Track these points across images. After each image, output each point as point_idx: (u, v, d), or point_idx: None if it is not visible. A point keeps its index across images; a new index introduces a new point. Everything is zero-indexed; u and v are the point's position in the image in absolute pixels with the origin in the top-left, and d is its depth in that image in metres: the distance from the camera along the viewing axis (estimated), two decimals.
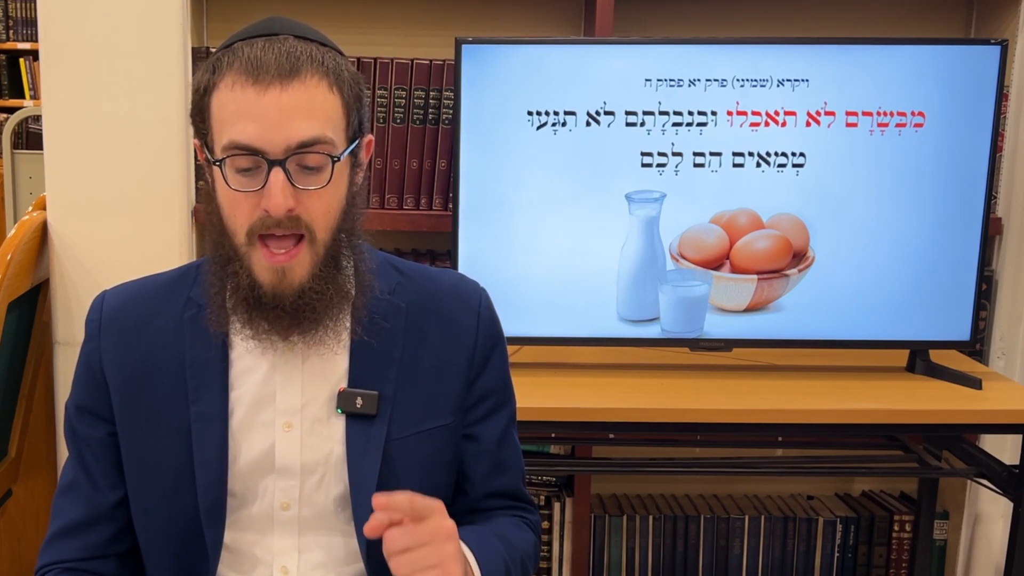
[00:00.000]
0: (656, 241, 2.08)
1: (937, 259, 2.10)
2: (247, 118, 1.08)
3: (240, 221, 1.12)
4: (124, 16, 2.08)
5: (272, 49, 1.09)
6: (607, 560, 2.45)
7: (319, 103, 1.10)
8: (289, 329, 1.16)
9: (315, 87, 1.10)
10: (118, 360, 1.22)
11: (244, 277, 1.13)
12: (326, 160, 1.11)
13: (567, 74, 2.03)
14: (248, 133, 1.08)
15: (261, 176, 1.09)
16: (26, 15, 5.96)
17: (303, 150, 1.09)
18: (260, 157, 1.09)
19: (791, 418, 1.95)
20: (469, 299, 1.29)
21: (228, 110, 1.09)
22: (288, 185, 1.09)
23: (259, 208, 1.10)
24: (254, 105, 1.08)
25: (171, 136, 2.12)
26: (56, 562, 1.23)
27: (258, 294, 1.14)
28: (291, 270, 1.12)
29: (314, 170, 1.11)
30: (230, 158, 1.10)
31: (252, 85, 1.08)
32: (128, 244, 2.13)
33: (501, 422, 1.29)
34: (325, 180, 1.11)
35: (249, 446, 1.21)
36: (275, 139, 1.08)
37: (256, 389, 1.21)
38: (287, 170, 1.09)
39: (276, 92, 1.08)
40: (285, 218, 1.10)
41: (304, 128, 1.09)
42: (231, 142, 1.09)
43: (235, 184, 1.10)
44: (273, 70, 1.08)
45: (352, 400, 1.20)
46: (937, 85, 2.04)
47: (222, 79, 1.10)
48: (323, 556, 1.23)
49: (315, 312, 1.15)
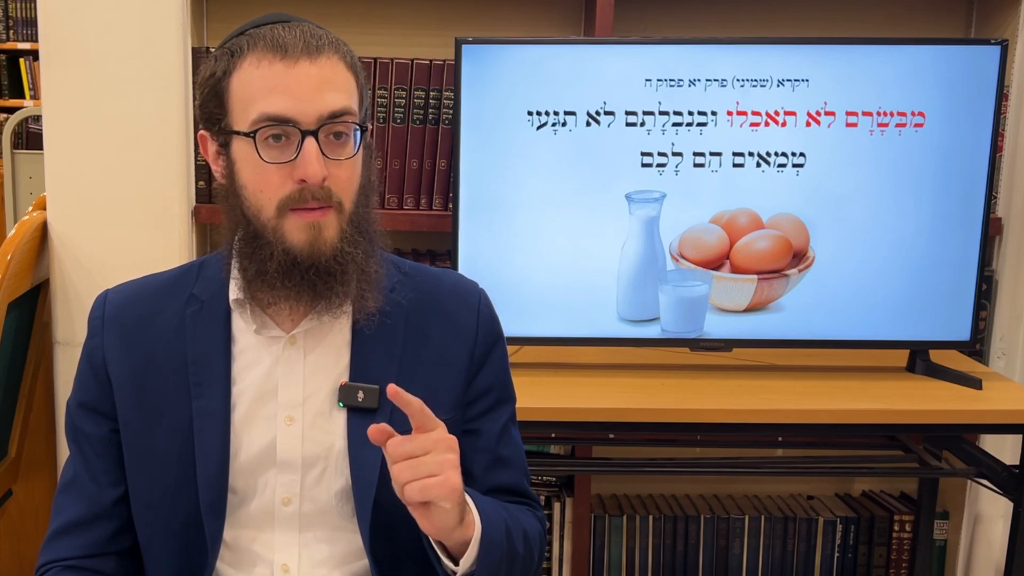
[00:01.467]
0: (656, 241, 2.08)
1: (937, 259, 2.10)
2: (278, 91, 1.11)
3: (269, 195, 1.13)
4: (124, 16, 2.08)
5: (294, 30, 1.13)
6: (607, 560, 2.45)
7: (342, 78, 1.14)
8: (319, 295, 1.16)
9: (337, 63, 1.14)
10: (121, 357, 1.23)
11: (278, 246, 1.14)
12: (351, 132, 1.14)
13: (567, 74, 2.03)
14: (280, 104, 1.10)
15: (291, 147, 1.12)
16: (26, 15, 5.96)
17: (334, 120, 1.12)
18: (293, 127, 1.11)
19: (791, 418, 1.95)
20: (469, 297, 1.30)
21: (256, 86, 1.12)
22: (321, 154, 1.12)
23: (290, 180, 1.12)
24: (284, 77, 1.11)
25: (171, 136, 2.12)
26: (57, 560, 1.23)
27: (293, 257, 1.14)
28: (325, 227, 1.14)
29: (342, 141, 1.14)
30: (261, 130, 1.11)
31: (281, 60, 1.11)
32: (128, 244, 2.13)
33: (501, 418, 1.30)
34: (352, 150, 1.15)
35: (250, 440, 1.21)
36: (308, 109, 1.11)
37: (258, 383, 1.21)
38: (319, 140, 1.11)
39: (306, 65, 1.11)
40: (319, 188, 1.12)
41: (334, 99, 1.12)
42: (263, 114, 1.11)
43: (267, 156, 1.12)
44: (300, 46, 1.11)
45: (353, 394, 1.21)
46: (937, 85, 2.04)
47: (244, 60, 1.12)
48: (325, 552, 1.23)
49: (346, 275, 1.16)
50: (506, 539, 1.18)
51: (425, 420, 1.07)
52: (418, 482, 1.05)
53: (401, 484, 1.05)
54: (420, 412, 1.07)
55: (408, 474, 1.05)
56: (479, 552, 1.13)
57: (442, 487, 1.05)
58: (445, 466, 1.06)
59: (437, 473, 1.05)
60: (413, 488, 1.05)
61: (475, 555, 1.13)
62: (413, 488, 1.05)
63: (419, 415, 1.07)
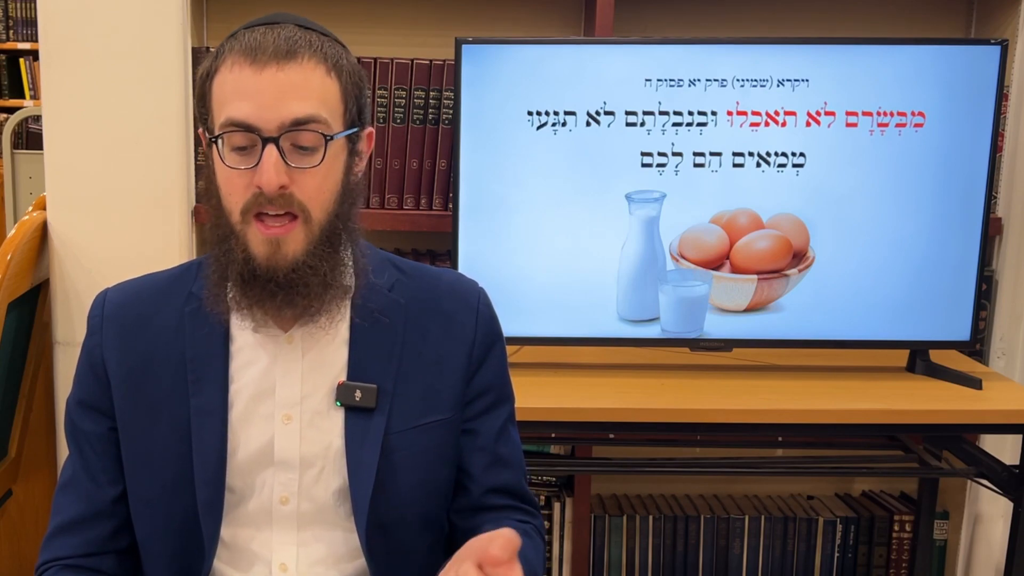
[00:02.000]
0: (656, 241, 2.08)
1: (937, 259, 2.10)
2: (243, 96, 1.10)
3: (235, 199, 1.13)
4: (124, 16, 2.08)
5: (272, 33, 1.12)
6: (607, 560, 2.45)
7: (315, 84, 1.12)
8: (281, 306, 1.16)
9: (312, 69, 1.12)
10: (120, 356, 1.23)
11: (239, 252, 1.14)
12: (320, 140, 1.12)
13: (567, 74, 2.03)
14: (243, 110, 1.10)
15: (255, 154, 1.11)
16: (26, 15, 5.96)
17: (296, 128, 1.11)
18: (255, 134, 1.10)
19: (791, 418, 1.95)
20: (468, 296, 1.29)
21: (226, 89, 1.12)
22: (281, 162, 1.11)
23: (253, 186, 1.12)
24: (250, 83, 1.10)
25: (171, 136, 2.12)
26: (56, 559, 1.23)
27: (252, 267, 1.14)
28: (285, 243, 1.13)
29: (308, 150, 1.13)
30: (226, 135, 1.11)
31: (250, 65, 1.10)
32: (128, 244, 2.13)
33: (500, 418, 1.29)
34: (318, 159, 1.13)
35: (248, 439, 1.21)
36: (269, 116, 1.10)
37: (256, 382, 1.21)
38: (280, 148, 1.11)
39: (273, 71, 1.10)
40: (278, 195, 1.11)
41: (298, 107, 1.11)
42: (227, 119, 1.11)
43: (230, 161, 1.12)
44: (271, 51, 1.10)
45: (351, 393, 1.21)
46: (937, 85, 2.04)
47: (223, 63, 1.13)
48: (323, 551, 1.23)
49: (308, 288, 1.15)
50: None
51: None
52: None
53: None
54: None
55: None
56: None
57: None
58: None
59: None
60: None
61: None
62: None
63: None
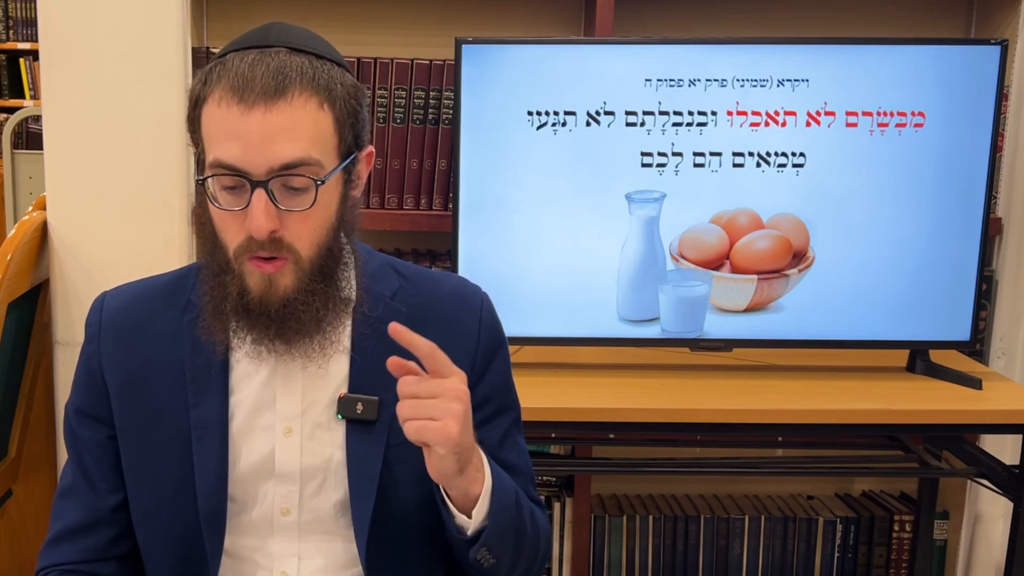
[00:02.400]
0: (656, 241, 2.08)
1: (937, 259, 2.09)
2: (231, 138, 1.07)
3: (228, 239, 1.13)
4: (124, 16, 2.07)
5: (262, 64, 1.08)
6: (607, 560, 2.45)
7: (306, 123, 1.09)
8: (275, 338, 1.15)
9: (302, 106, 1.08)
10: (118, 363, 1.22)
11: (234, 287, 1.14)
12: (310, 183, 1.10)
13: (567, 74, 2.03)
14: (232, 153, 1.07)
15: (245, 195, 1.09)
16: (26, 15, 5.95)
17: (286, 172, 1.08)
18: (243, 178, 1.08)
19: (791, 418, 1.95)
20: (471, 303, 1.28)
21: (214, 127, 1.09)
22: (271, 207, 1.09)
23: (244, 228, 1.10)
24: (238, 125, 1.07)
25: (171, 136, 2.11)
26: (56, 565, 1.23)
27: (246, 301, 1.14)
28: (277, 279, 1.13)
29: (299, 191, 1.10)
30: (215, 177, 1.10)
31: (237, 104, 1.07)
32: (128, 244, 2.12)
33: (503, 426, 1.28)
34: (309, 202, 1.10)
35: (249, 451, 1.20)
36: (258, 160, 1.07)
37: (256, 394, 1.20)
38: (270, 191, 1.08)
39: (260, 112, 1.06)
40: (268, 240, 1.10)
41: (287, 150, 1.08)
42: (216, 160, 1.09)
43: (222, 202, 1.11)
44: (259, 88, 1.07)
45: (352, 406, 1.20)
46: (937, 85, 2.04)
47: (211, 93, 1.09)
48: (323, 561, 1.23)
49: (299, 323, 1.14)
50: (515, 505, 1.18)
51: (439, 365, 1.08)
52: (417, 422, 1.06)
53: (401, 420, 1.07)
54: (430, 355, 1.07)
55: (409, 412, 1.07)
56: (491, 503, 1.13)
57: (437, 432, 1.06)
58: (447, 414, 1.06)
59: (437, 418, 1.06)
60: (410, 427, 1.07)
61: (487, 507, 1.13)
62: (410, 427, 1.07)
63: (430, 358, 1.07)
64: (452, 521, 1.15)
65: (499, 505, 1.14)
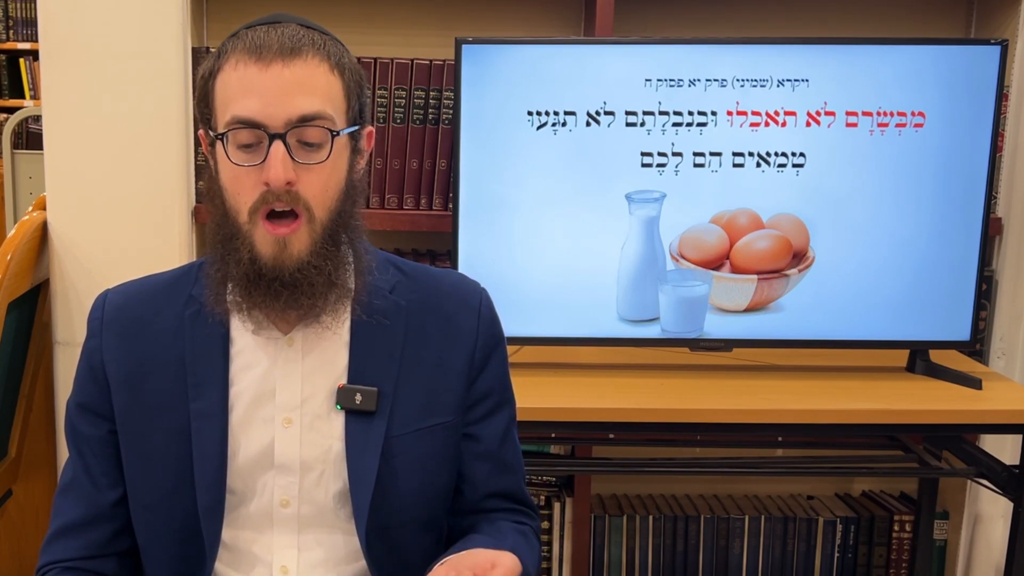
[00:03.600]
0: (656, 241, 2.08)
1: (937, 259, 2.10)
2: (249, 93, 1.10)
3: (243, 199, 1.13)
4: (124, 16, 2.08)
5: (275, 31, 1.12)
6: (607, 560, 2.45)
7: (320, 81, 1.13)
8: (285, 306, 1.16)
9: (316, 66, 1.13)
10: (119, 358, 1.23)
11: (245, 252, 1.14)
12: (326, 136, 1.13)
13: (567, 74, 2.03)
14: (250, 107, 1.10)
15: (262, 151, 1.11)
16: (26, 15, 5.96)
17: (304, 124, 1.11)
18: (261, 131, 1.10)
19: (791, 418, 1.95)
20: (470, 299, 1.29)
21: (231, 88, 1.12)
22: (288, 158, 1.11)
23: (260, 184, 1.12)
24: (256, 80, 1.10)
25: (171, 136, 2.12)
26: (56, 561, 1.23)
27: (258, 267, 1.14)
28: (291, 242, 1.14)
29: (314, 146, 1.13)
30: (232, 132, 1.12)
31: (255, 62, 1.10)
32: (128, 244, 2.13)
33: (501, 422, 1.29)
34: (325, 155, 1.13)
35: (248, 442, 1.21)
36: (276, 113, 1.10)
37: (256, 385, 1.21)
38: (287, 144, 1.11)
39: (278, 68, 1.10)
40: (284, 191, 1.12)
41: (305, 103, 1.11)
42: (233, 117, 1.11)
43: (236, 159, 1.12)
44: (276, 48, 1.11)
45: (351, 396, 1.21)
46: (937, 85, 2.04)
47: (226, 62, 1.13)
48: (323, 554, 1.23)
49: (313, 288, 1.16)
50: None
51: None
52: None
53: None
54: None
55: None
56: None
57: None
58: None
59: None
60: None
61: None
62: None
63: None
64: None
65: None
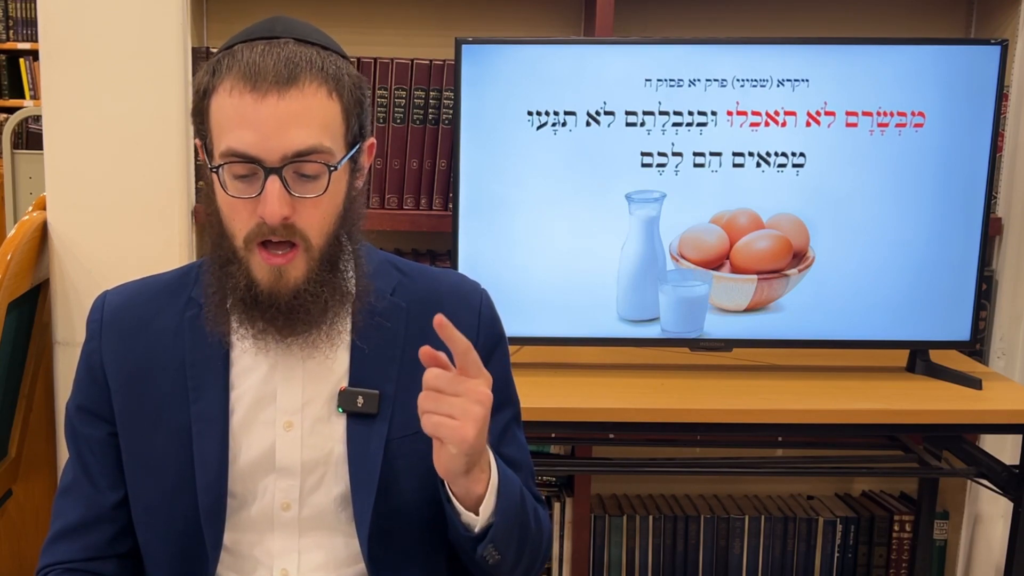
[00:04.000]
0: (656, 241, 2.08)
1: (937, 259, 2.10)
2: (244, 126, 1.08)
3: (238, 227, 1.13)
4: (124, 16, 2.08)
5: (271, 54, 1.09)
6: (607, 560, 2.45)
7: (317, 111, 1.10)
8: (283, 330, 1.16)
9: (313, 95, 1.10)
10: (119, 360, 1.23)
11: (242, 278, 1.14)
12: (323, 169, 1.11)
13: (567, 74, 2.03)
14: (245, 141, 1.08)
15: (258, 183, 1.10)
16: (26, 15, 5.96)
17: (300, 159, 1.09)
18: (257, 165, 1.09)
19: (791, 418, 1.95)
20: (470, 299, 1.29)
21: (226, 116, 1.10)
22: (284, 193, 1.10)
23: (255, 216, 1.11)
24: (251, 113, 1.08)
25: (171, 136, 2.12)
26: (57, 563, 1.23)
27: (255, 293, 1.14)
28: (287, 271, 1.13)
29: (311, 178, 1.11)
30: (227, 165, 1.10)
31: (250, 92, 1.08)
32: (128, 244, 2.12)
33: (502, 421, 1.28)
34: (322, 189, 1.12)
35: (249, 445, 1.21)
36: (272, 147, 1.08)
37: (257, 388, 1.21)
38: (283, 178, 1.09)
39: (274, 100, 1.08)
40: (280, 226, 1.11)
41: (301, 137, 1.09)
42: (228, 149, 1.09)
43: (232, 191, 1.11)
44: (271, 77, 1.08)
45: (353, 399, 1.20)
46: (937, 85, 2.04)
47: (221, 83, 1.10)
48: (324, 557, 1.23)
49: (309, 314, 1.15)
50: (520, 502, 1.18)
51: (469, 365, 1.08)
52: (436, 417, 1.06)
53: (420, 411, 1.07)
54: (464, 354, 1.07)
55: (429, 405, 1.07)
56: (497, 501, 1.13)
57: (454, 432, 1.06)
58: (466, 415, 1.06)
59: (456, 417, 1.06)
60: (428, 420, 1.07)
61: (493, 504, 1.13)
62: (428, 420, 1.07)
63: (463, 356, 1.07)
64: (458, 519, 1.15)
65: (506, 502, 1.15)
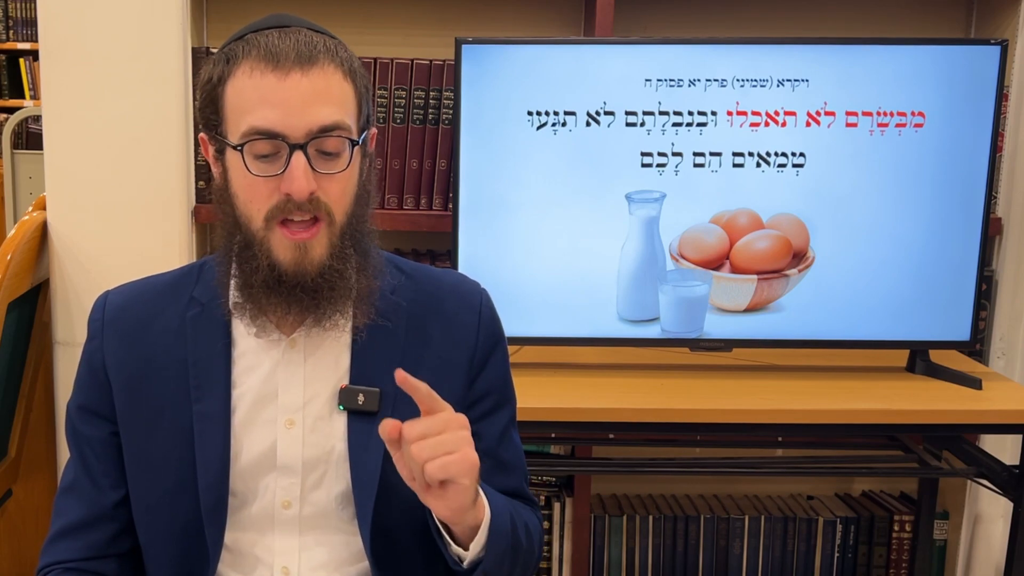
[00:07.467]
0: (656, 241, 2.08)
1: (937, 259, 2.10)
2: (268, 103, 1.09)
3: (258, 206, 1.13)
4: (124, 16, 2.08)
5: (289, 38, 1.11)
6: (607, 560, 2.45)
7: (337, 90, 1.12)
8: (306, 310, 1.16)
9: (332, 74, 1.12)
10: (120, 359, 1.23)
11: (263, 259, 1.14)
12: (345, 144, 1.13)
13: (567, 74, 2.03)
14: (270, 118, 1.09)
15: (281, 161, 1.11)
16: (26, 15, 5.96)
17: (324, 134, 1.11)
18: (281, 141, 1.10)
19: (791, 418, 1.95)
20: (470, 298, 1.29)
21: (247, 96, 1.11)
22: (309, 169, 1.11)
23: (278, 192, 1.11)
24: (275, 90, 1.09)
25: (171, 136, 2.12)
26: (57, 562, 1.23)
27: (278, 274, 1.14)
28: (312, 247, 1.14)
29: (333, 155, 1.13)
30: (250, 143, 1.11)
31: (272, 71, 1.09)
32: (128, 244, 2.12)
33: (501, 421, 1.29)
34: (344, 164, 1.13)
35: (251, 444, 1.21)
36: (297, 123, 1.09)
37: (258, 387, 1.21)
38: (308, 154, 1.10)
39: (297, 77, 1.09)
40: (306, 201, 1.11)
41: (325, 113, 1.10)
42: (252, 128, 1.10)
43: (255, 170, 1.11)
44: (292, 56, 1.09)
45: (354, 397, 1.21)
46: (937, 85, 2.04)
47: (238, 67, 1.11)
48: (325, 556, 1.23)
49: (334, 290, 1.16)
50: (511, 528, 1.18)
51: (433, 404, 1.07)
52: (439, 460, 1.03)
53: (421, 463, 1.03)
54: (428, 396, 1.06)
55: (427, 453, 1.03)
56: (488, 536, 1.13)
57: (462, 463, 1.04)
58: (461, 443, 1.05)
59: (455, 450, 1.04)
60: (434, 466, 1.03)
61: (484, 539, 1.12)
62: (434, 466, 1.03)
63: (427, 399, 1.06)
64: (448, 551, 1.15)
65: (496, 535, 1.14)
